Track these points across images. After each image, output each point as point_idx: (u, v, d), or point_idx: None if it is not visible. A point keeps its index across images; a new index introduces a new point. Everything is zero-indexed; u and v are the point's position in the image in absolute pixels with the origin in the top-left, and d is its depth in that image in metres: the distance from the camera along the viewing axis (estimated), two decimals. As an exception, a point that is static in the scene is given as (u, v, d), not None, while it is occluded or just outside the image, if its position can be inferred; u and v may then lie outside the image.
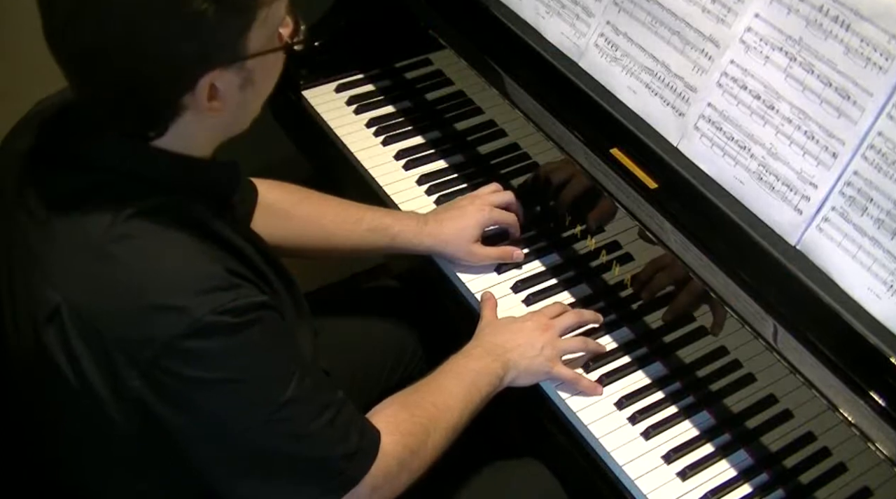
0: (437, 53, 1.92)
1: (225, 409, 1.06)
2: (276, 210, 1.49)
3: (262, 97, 1.13)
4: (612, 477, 1.31)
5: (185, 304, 1.00)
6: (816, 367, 1.13)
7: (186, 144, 1.09)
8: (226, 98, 1.06)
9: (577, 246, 1.59)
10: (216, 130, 1.12)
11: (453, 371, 1.34)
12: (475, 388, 1.32)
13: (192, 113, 1.05)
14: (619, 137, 1.37)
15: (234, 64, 1.04)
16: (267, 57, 1.08)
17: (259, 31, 1.04)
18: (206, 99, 1.04)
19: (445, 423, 1.26)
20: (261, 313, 1.06)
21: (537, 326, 1.41)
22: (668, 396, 1.40)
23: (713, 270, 1.23)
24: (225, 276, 1.04)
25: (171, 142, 1.08)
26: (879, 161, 1.15)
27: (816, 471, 1.31)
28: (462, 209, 1.55)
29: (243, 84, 1.07)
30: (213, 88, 1.04)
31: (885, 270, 1.13)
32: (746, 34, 1.28)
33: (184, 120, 1.06)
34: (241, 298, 1.03)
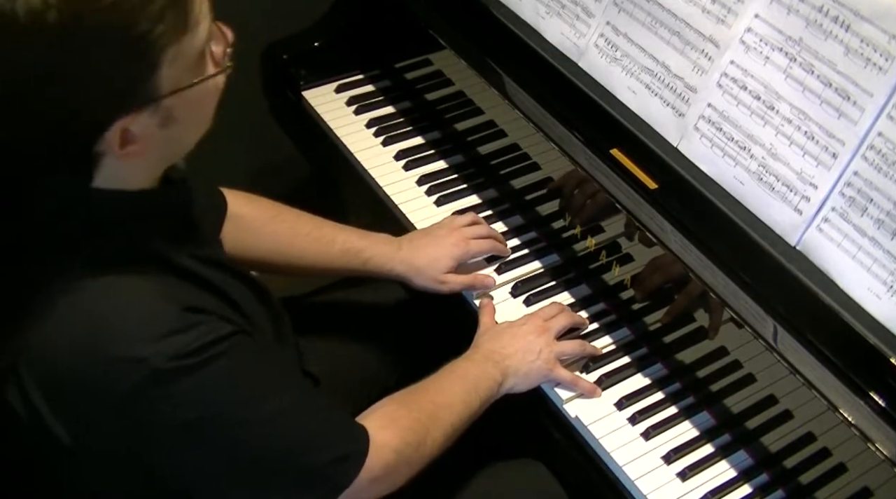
0: (437, 54, 1.92)
1: (202, 443, 1.05)
2: (248, 225, 1.47)
3: (197, 123, 1.06)
4: (612, 477, 1.31)
5: (143, 354, 0.98)
6: (816, 367, 1.13)
7: (123, 182, 1.03)
8: (145, 139, 0.99)
9: (577, 247, 1.59)
10: (151, 165, 1.06)
11: (454, 373, 1.34)
12: (474, 391, 1.32)
13: (110, 158, 1.00)
14: (619, 138, 1.37)
15: (146, 107, 0.97)
16: (189, 90, 1.00)
17: (171, 69, 0.97)
18: (118, 146, 0.98)
19: (445, 421, 1.26)
20: (225, 344, 1.03)
21: (534, 329, 1.41)
22: (668, 396, 1.40)
23: (713, 270, 1.23)
24: (181, 316, 1.01)
25: (106, 182, 1.02)
26: (879, 161, 1.15)
27: (816, 471, 1.31)
28: (439, 239, 1.53)
29: (163, 122, 1.00)
30: (127, 133, 0.97)
31: (885, 271, 1.13)
32: (746, 35, 1.28)
33: (106, 164, 1.01)
34: (201, 337, 1.01)
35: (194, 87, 1.00)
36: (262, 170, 2.28)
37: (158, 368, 0.98)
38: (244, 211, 1.47)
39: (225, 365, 1.03)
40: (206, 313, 1.04)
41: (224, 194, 1.45)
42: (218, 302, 1.09)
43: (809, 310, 1.16)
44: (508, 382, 1.36)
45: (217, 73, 1.03)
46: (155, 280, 1.03)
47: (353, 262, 1.51)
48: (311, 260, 1.51)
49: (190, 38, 0.98)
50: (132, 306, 1.01)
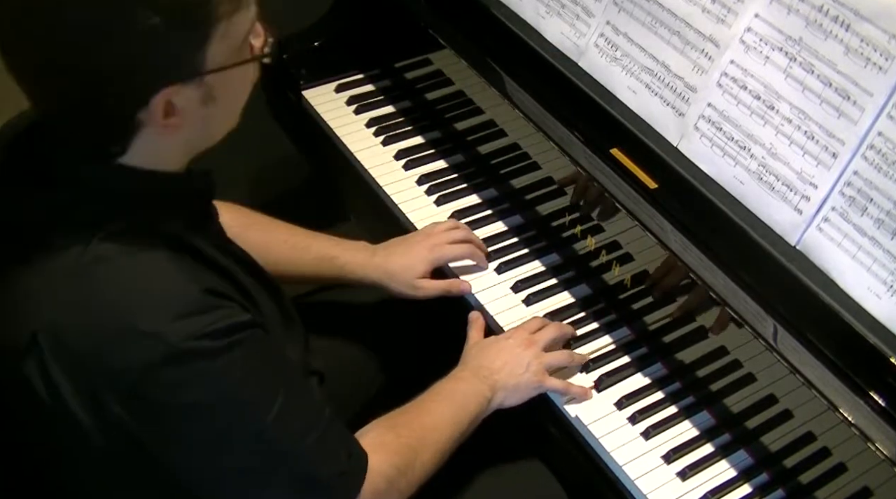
0: (437, 53, 1.92)
1: (209, 432, 1.05)
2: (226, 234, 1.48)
3: (231, 111, 1.10)
4: (612, 477, 1.31)
5: (161, 330, 0.99)
6: (816, 367, 1.13)
7: (155, 159, 1.06)
8: (185, 114, 1.02)
9: (577, 246, 1.59)
10: (183, 145, 1.09)
11: (441, 394, 1.33)
12: (463, 410, 1.31)
13: (150, 129, 1.03)
14: (619, 137, 1.37)
15: (191, 80, 1.01)
16: (232, 71, 1.04)
17: (219, 45, 1.00)
18: (161, 116, 1.01)
19: (434, 443, 1.26)
20: (243, 334, 1.04)
21: (521, 342, 1.40)
22: (668, 396, 1.40)
23: (713, 270, 1.23)
24: (203, 297, 1.02)
25: (138, 158, 1.05)
26: (879, 161, 1.15)
27: (816, 471, 1.31)
28: (413, 245, 1.53)
29: (204, 99, 1.03)
30: (169, 105, 1.00)
31: (885, 270, 1.13)
32: (746, 34, 1.28)
33: (144, 136, 1.03)
34: (220, 320, 1.02)
35: (237, 67, 1.04)
36: (262, 170, 2.28)
37: (176, 345, 0.99)
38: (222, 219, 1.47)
39: (241, 354, 1.03)
40: (228, 298, 1.06)
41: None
42: (236, 292, 1.10)
43: (809, 310, 1.16)
44: (498, 397, 1.36)
45: (258, 58, 1.07)
46: (178, 260, 1.04)
47: (328, 269, 1.52)
48: (285, 267, 1.50)
49: (240, 18, 1.02)
50: (154, 282, 1.02)
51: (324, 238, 1.54)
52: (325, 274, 1.53)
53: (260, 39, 1.08)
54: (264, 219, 1.54)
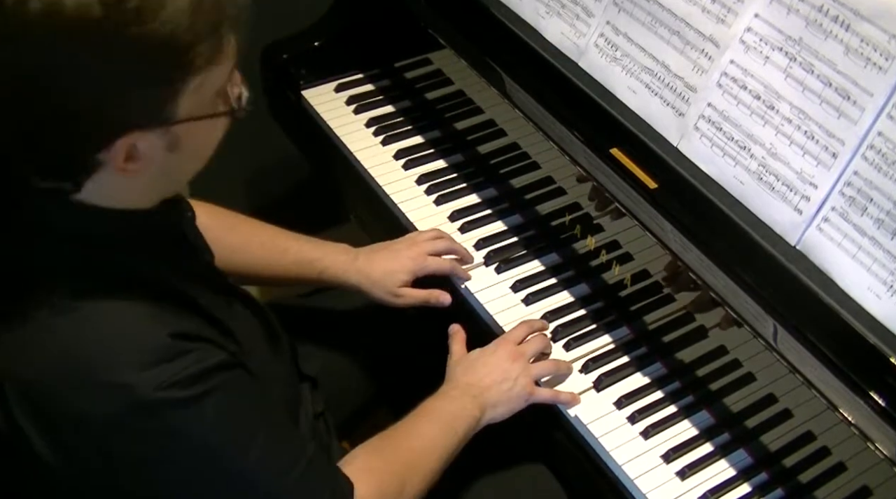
0: (437, 53, 1.92)
1: (184, 478, 1.03)
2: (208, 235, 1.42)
3: (198, 158, 1.06)
4: (612, 476, 1.31)
5: (128, 381, 0.97)
6: (816, 366, 1.13)
7: (117, 198, 1.03)
8: (147, 160, 0.99)
9: (577, 246, 1.59)
10: (145, 187, 1.05)
11: (429, 415, 1.31)
12: (452, 431, 1.29)
13: (108, 171, 0.99)
14: (619, 137, 1.37)
15: (159, 127, 0.97)
16: (200, 122, 1.01)
17: (192, 96, 0.97)
18: (122, 159, 0.97)
19: (422, 467, 1.24)
20: (216, 379, 1.02)
21: (507, 356, 1.39)
22: (667, 395, 1.40)
23: (713, 270, 1.23)
24: (171, 343, 0.99)
25: (98, 197, 1.02)
26: (879, 161, 1.15)
27: (816, 470, 1.31)
28: (396, 253, 1.52)
29: (169, 147, 1.00)
30: (132, 148, 0.97)
31: (885, 270, 1.13)
32: (746, 34, 1.28)
33: (102, 176, 0.99)
34: (190, 366, 0.99)
35: (206, 119, 1.01)
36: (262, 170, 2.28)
37: (143, 397, 0.97)
38: (204, 221, 1.43)
39: (214, 400, 1.01)
40: (198, 340, 1.03)
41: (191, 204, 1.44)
42: (210, 327, 1.07)
43: (809, 310, 1.16)
44: (487, 414, 1.34)
45: (227, 113, 1.04)
46: (144, 303, 1.02)
47: (307, 271, 1.50)
48: (264, 270, 1.50)
49: (216, 72, 0.98)
50: (119, 331, 0.99)
51: (304, 240, 1.53)
52: (305, 277, 1.51)
53: (237, 89, 1.05)
54: (247, 221, 1.53)
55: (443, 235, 1.58)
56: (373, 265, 1.50)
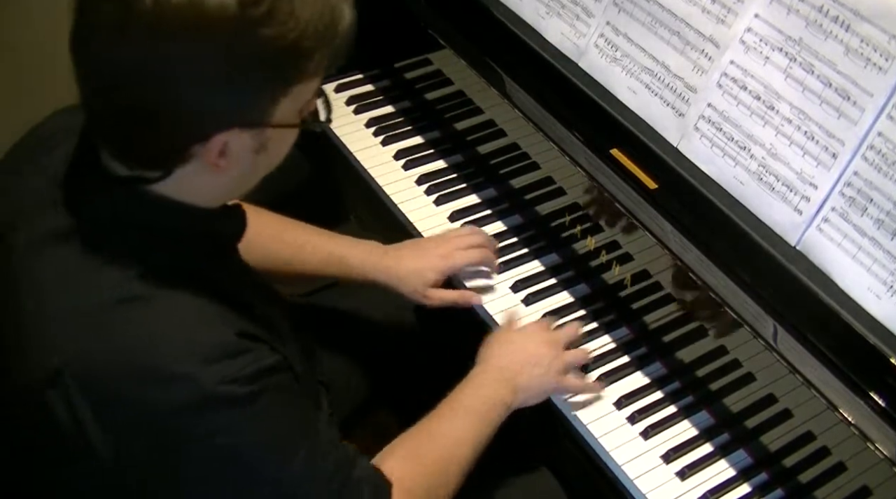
0: (437, 53, 1.92)
1: (232, 478, 1.03)
2: None
3: (275, 162, 1.09)
4: (612, 476, 1.31)
5: (193, 373, 0.97)
6: (816, 367, 1.13)
7: (191, 193, 1.05)
8: (236, 158, 1.01)
9: (577, 246, 1.59)
10: (222, 187, 1.08)
11: (462, 404, 1.31)
12: (484, 419, 1.29)
13: (197, 163, 1.01)
14: (619, 138, 1.37)
15: (256, 128, 1.00)
16: (288, 129, 1.05)
17: (289, 103, 1.01)
18: (215, 154, 1.00)
19: (458, 459, 1.24)
20: (270, 380, 1.03)
21: (542, 340, 1.39)
22: (667, 395, 1.40)
23: (713, 270, 1.23)
24: (234, 341, 1.01)
25: (174, 190, 1.03)
26: (879, 161, 1.15)
27: (816, 470, 1.32)
28: (424, 250, 1.51)
29: (258, 149, 1.03)
30: (225, 146, 1.00)
31: (885, 270, 1.13)
32: (746, 34, 1.28)
33: (187, 168, 1.01)
34: (249, 364, 1.00)
35: (293, 129, 1.05)
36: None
37: (208, 390, 0.97)
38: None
39: (269, 400, 1.02)
40: (257, 340, 1.04)
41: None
42: (265, 331, 1.08)
43: (809, 310, 1.16)
44: (518, 399, 1.34)
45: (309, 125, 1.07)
46: (208, 300, 1.03)
47: (335, 268, 1.50)
48: (290, 266, 1.49)
49: (313, 83, 1.02)
50: (189, 324, 1.00)
51: (333, 236, 1.52)
52: (331, 273, 1.51)
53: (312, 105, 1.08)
54: (273, 217, 1.52)
55: (476, 231, 1.57)
56: (402, 263, 1.49)
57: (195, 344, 0.99)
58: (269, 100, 0.99)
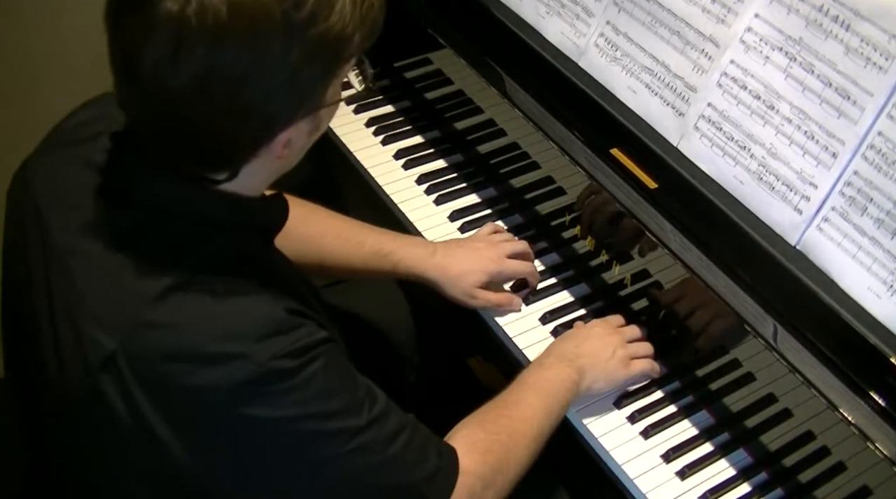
0: (437, 53, 1.92)
1: (298, 446, 1.03)
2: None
3: (315, 141, 1.12)
4: (612, 476, 1.32)
5: (246, 350, 0.98)
6: (816, 366, 1.13)
7: (244, 185, 1.06)
8: (297, 145, 1.05)
9: (577, 246, 1.59)
10: (271, 175, 1.10)
11: (528, 383, 1.32)
12: (553, 398, 1.30)
13: (262, 159, 1.03)
14: (619, 137, 1.37)
15: (312, 113, 1.03)
16: (335, 105, 1.08)
17: (335, 83, 1.04)
18: (281, 148, 1.03)
19: (526, 436, 1.24)
20: (320, 349, 1.03)
21: (605, 331, 1.41)
22: (667, 395, 1.40)
23: (713, 270, 1.23)
24: (285, 318, 1.02)
25: (228, 184, 1.05)
26: (879, 161, 1.15)
27: (816, 470, 1.31)
28: (476, 252, 1.50)
29: (312, 131, 1.06)
30: (288, 139, 1.03)
31: (885, 270, 1.13)
32: (746, 34, 1.28)
33: (251, 166, 1.04)
34: (301, 338, 1.01)
35: (338, 102, 1.07)
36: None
37: (261, 364, 0.98)
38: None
39: (321, 368, 1.02)
40: (306, 317, 1.05)
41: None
42: (311, 310, 1.09)
43: (809, 310, 1.16)
44: (586, 380, 1.35)
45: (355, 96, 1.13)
46: (258, 281, 1.04)
47: (382, 264, 1.49)
48: (338, 261, 1.49)
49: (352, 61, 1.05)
50: (238, 305, 1.01)
51: (379, 232, 1.52)
52: (379, 269, 1.49)
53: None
54: (322, 211, 1.53)
55: (519, 240, 1.57)
56: (451, 261, 1.48)
57: (246, 323, 1.00)
58: (323, 88, 1.02)
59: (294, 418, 1.01)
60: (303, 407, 1.01)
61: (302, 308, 1.06)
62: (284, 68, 0.96)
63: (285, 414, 1.01)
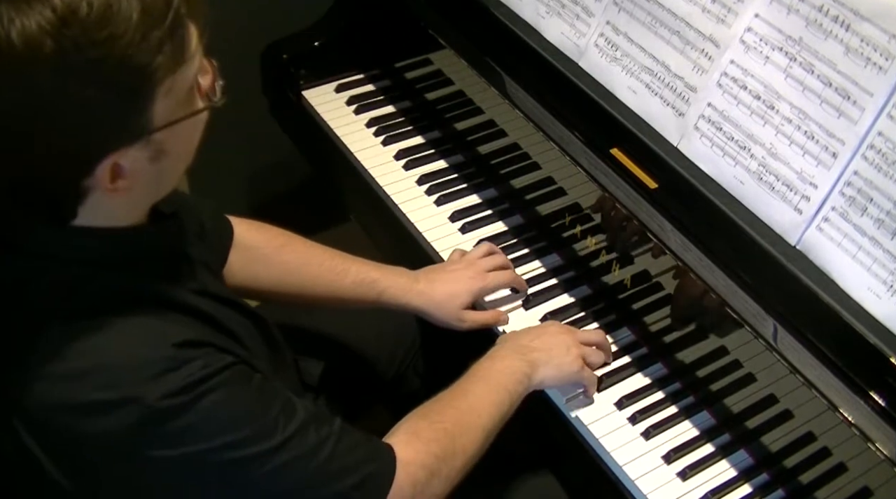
0: (437, 53, 1.92)
1: (212, 479, 1.02)
2: (256, 254, 1.44)
3: (184, 157, 1.05)
4: (613, 477, 1.31)
5: (134, 394, 0.96)
6: (816, 367, 1.13)
7: (111, 218, 1.02)
8: (135, 174, 0.98)
9: (577, 246, 1.59)
10: (138, 202, 1.04)
11: (477, 375, 1.31)
12: (501, 387, 1.29)
13: (98, 193, 0.98)
14: (619, 137, 1.37)
15: (137, 141, 0.95)
16: (180, 124, 0.99)
17: (164, 102, 0.95)
18: (108, 180, 0.96)
19: (472, 425, 1.23)
20: (219, 378, 1.01)
21: (560, 329, 1.40)
22: (668, 396, 1.40)
23: (713, 270, 1.23)
24: (175, 353, 0.99)
25: (92, 218, 1.00)
26: (879, 161, 1.15)
27: (816, 471, 1.31)
28: (456, 273, 1.49)
29: (154, 157, 0.98)
30: (117, 167, 0.95)
31: (885, 270, 1.13)
32: (746, 34, 1.28)
33: (93, 200, 0.99)
34: (194, 372, 0.99)
35: (185, 120, 0.99)
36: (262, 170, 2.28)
37: (152, 406, 0.96)
38: (252, 239, 1.44)
39: (221, 398, 1.00)
40: (203, 346, 1.02)
41: (231, 222, 1.43)
42: (215, 333, 1.07)
43: (809, 310, 1.16)
44: (538, 374, 1.33)
45: (207, 108, 1.02)
46: (146, 319, 1.01)
47: (366, 293, 1.47)
48: (322, 290, 1.47)
49: (184, 71, 0.96)
50: (122, 352, 0.98)
51: (361, 262, 1.49)
52: (362, 298, 1.47)
53: (208, 77, 1.02)
54: (300, 240, 1.50)
55: (495, 250, 1.56)
56: (435, 287, 1.47)
57: (132, 365, 0.97)
58: (135, 113, 0.94)
59: (201, 452, 0.99)
60: (208, 440, 0.99)
61: (201, 337, 1.03)
62: (66, 99, 0.89)
63: (190, 450, 0.99)
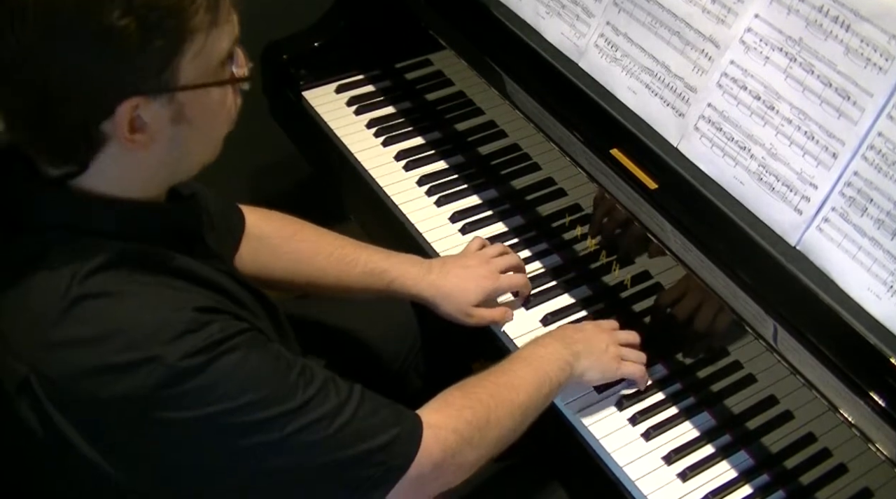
0: (438, 54, 1.92)
1: (233, 440, 1.01)
2: (267, 243, 1.44)
3: (207, 137, 1.06)
4: (613, 478, 1.31)
5: (156, 354, 0.96)
6: (816, 367, 1.13)
7: (122, 185, 1.03)
8: (153, 131, 0.99)
9: (578, 247, 1.59)
10: (155, 169, 1.05)
11: (521, 357, 1.32)
12: (543, 371, 1.29)
13: (115, 146, 0.99)
14: (619, 138, 1.37)
15: (159, 95, 0.97)
16: (206, 92, 1.01)
17: (193, 62, 0.97)
18: (126, 129, 0.97)
19: (509, 400, 1.22)
20: (236, 340, 1.01)
21: (598, 328, 1.41)
22: (668, 397, 1.40)
23: (713, 270, 1.23)
24: (193, 316, 0.99)
25: (103, 183, 1.02)
26: (879, 161, 1.15)
27: (817, 472, 1.31)
28: (470, 269, 1.48)
29: (175, 118, 0.99)
30: (136, 119, 0.97)
31: (885, 271, 1.13)
32: (746, 34, 1.28)
33: (107, 154, 1.00)
34: (213, 334, 0.99)
35: (209, 88, 1.00)
36: (262, 170, 2.28)
37: (173, 366, 0.96)
38: (263, 229, 1.44)
39: (240, 359, 1.00)
40: (220, 312, 1.03)
41: (242, 212, 1.43)
42: (232, 305, 1.07)
43: (809, 310, 1.16)
44: (580, 364, 1.34)
45: (233, 81, 1.03)
46: (165, 288, 1.02)
47: (376, 283, 1.47)
48: (332, 280, 1.47)
49: (218, 35, 0.98)
50: (144, 310, 0.99)
51: (374, 250, 1.49)
52: (373, 287, 1.47)
53: (242, 70, 1.05)
54: (311, 228, 1.50)
55: (508, 250, 1.56)
56: (447, 279, 1.47)
57: (154, 328, 0.98)
58: (162, 59, 0.95)
59: (221, 412, 0.99)
60: (228, 401, 0.99)
61: (217, 306, 1.03)
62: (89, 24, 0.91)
63: (211, 410, 0.99)
